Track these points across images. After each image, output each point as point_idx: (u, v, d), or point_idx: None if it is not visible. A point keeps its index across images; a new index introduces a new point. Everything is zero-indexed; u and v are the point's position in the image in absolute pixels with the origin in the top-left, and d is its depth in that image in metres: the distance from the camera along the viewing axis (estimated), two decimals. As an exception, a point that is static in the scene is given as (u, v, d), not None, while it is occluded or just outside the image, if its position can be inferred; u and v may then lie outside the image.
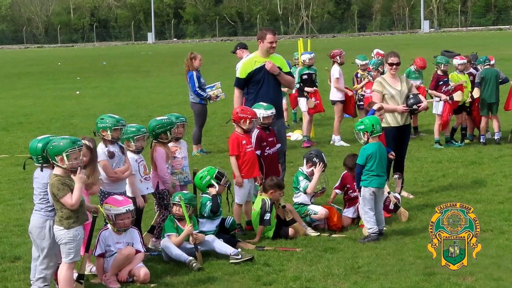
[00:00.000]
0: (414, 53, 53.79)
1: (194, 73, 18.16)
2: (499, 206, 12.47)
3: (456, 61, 18.40)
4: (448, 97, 17.74)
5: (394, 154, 12.68)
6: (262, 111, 11.76)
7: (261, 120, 11.72)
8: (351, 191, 12.05)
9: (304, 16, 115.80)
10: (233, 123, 11.79)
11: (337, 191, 12.28)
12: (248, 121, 11.59)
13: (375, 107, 12.62)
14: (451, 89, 17.81)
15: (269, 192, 11.29)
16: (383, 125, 12.80)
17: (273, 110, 11.85)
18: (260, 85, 12.47)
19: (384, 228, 11.17)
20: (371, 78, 19.01)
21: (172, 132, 10.97)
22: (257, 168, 11.63)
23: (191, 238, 10.24)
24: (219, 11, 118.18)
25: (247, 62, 12.71)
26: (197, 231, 10.46)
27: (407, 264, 9.74)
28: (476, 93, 18.02)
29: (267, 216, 11.11)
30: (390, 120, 13.18)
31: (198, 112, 18.44)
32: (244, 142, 11.59)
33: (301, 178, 11.93)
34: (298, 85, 18.84)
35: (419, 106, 13.29)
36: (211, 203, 10.73)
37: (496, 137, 18.43)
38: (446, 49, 48.91)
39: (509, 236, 10.68)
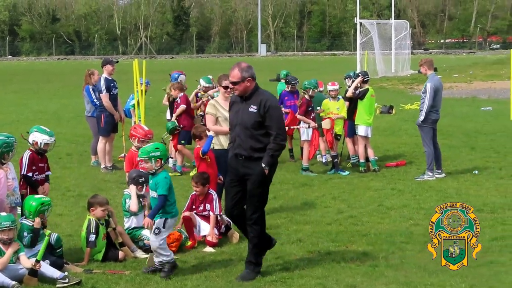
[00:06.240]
0: (251, 76, 54.61)
1: (90, 87, 18.85)
2: (327, 227, 12.74)
3: (329, 87, 18.51)
4: (316, 125, 17.81)
5: (222, 179, 12.73)
6: (46, 137, 11.52)
7: (41, 146, 11.48)
8: (206, 212, 12.07)
9: (143, 37, 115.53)
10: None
11: (186, 213, 12.07)
12: (136, 140, 12.39)
13: (212, 133, 12.71)
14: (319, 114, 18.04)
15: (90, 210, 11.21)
16: (217, 147, 12.90)
17: (54, 138, 11.68)
18: None
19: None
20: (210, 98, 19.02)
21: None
22: None
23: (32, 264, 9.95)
24: (56, 29, 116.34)
25: None
26: (23, 253, 10.16)
27: (235, 285, 9.78)
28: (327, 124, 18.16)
29: (92, 237, 10.94)
30: (224, 142, 13.17)
31: (91, 124, 19.32)
32: (138, 158, 11.57)
33: (128, 200, 11.79)
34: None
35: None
36: (31, 236, 10.49)
37: (323, 160, 18.99)
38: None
39: (335, 257, 10.89)
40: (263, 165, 9.87)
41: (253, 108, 9.92)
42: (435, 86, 16.83)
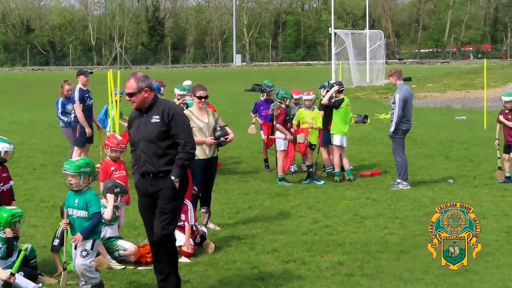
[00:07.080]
0: (226, 85, 54.73)
1: (60, 99, 19.28)
2: (302, 237, 12.74)
3: (304, 96, 18.58)
4: (292, 137, 17.77)
5: (196, 189, 12.73)
6: (6, 145, 11.35)
7: (1, 154, 11.28)
8: (181, 222, 11.92)
9: (117, 47, 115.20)
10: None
11: None
12: (109, 149, 12.23)
13: None
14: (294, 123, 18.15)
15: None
16: (191, 157, 12.84)
17: (13, 146, 11.52)
18: None
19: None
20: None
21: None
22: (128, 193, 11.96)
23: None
24: (30, 40, 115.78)
25: None
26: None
27: (210, 296, 9.77)
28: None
29: (55, 241, 10.90)
30: (198, 153, 13.13)
31: (66, 135, 19.55)
32: (112, 168, 12.24)
33: (102, 209, 11.68)
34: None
35: (226, 138, 13.40)
36: (6, 246, 10.38)
37: (291, 169, 19.14)
38: (256, 82, 50.13)
39: (311, 267, 10.90)
40: (173, 178, 9.13)
41: (155, 119, 9.14)
42: (404, 96, 16.89)
